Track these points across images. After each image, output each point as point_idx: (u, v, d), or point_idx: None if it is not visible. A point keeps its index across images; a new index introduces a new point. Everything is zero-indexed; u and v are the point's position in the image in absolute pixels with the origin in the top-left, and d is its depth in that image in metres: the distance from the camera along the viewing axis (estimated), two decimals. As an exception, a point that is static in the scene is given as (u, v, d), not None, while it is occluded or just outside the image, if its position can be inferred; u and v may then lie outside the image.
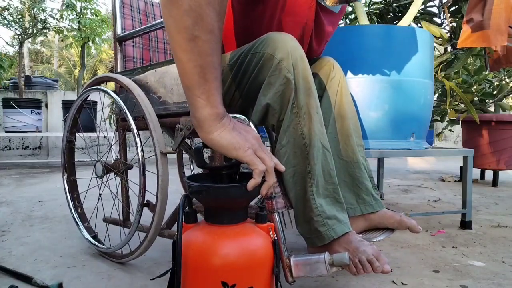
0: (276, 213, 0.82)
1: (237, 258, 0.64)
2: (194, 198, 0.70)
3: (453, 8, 2.35)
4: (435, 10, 2.53)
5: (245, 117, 0.88)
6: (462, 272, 1.09)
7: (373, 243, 0.88)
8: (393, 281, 1.01)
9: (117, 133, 1.23)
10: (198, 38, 0.60)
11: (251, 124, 0.85)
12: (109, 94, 1.14)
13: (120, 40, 1.27)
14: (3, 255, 1.19)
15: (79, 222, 1.27)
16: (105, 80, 1.21)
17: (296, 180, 0.88)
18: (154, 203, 0.98)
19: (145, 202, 1.02)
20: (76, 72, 12.95)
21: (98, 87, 1.19)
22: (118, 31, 1.27)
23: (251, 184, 0.65)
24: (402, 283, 1.00)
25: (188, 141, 1.44)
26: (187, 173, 1.65)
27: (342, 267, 0.77)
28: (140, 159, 0.98)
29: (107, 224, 1.25)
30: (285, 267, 0.79)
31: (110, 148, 1.27)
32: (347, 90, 1.09)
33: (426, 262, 1.17)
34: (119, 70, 1.27)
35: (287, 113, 0.86)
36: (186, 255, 0.65)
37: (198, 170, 1.50)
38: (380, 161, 2.18)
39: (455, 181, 3.00)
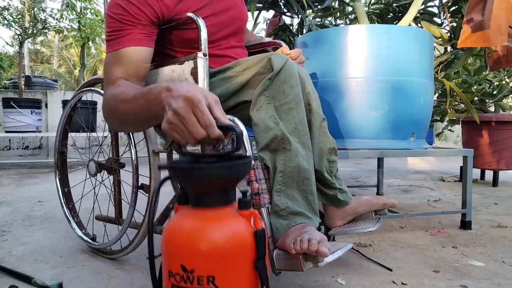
0: (264, 208, 0.86)
1: (198, 242, 0.59)
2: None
3: (453, 8, 2.35)
4: (435, 10, 2.53)
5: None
6: (462, 272, 1.09)
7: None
8: (393, 281, 1.01)
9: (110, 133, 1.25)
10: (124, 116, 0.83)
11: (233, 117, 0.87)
12: (101, 95, 1.15)
13: None
14: (3, 255, 1.19)
15: (78, 230, 1.28)
16: (97, 82, 1.23)
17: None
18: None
19: (139, 185, 1.05)
20: (76, 72, 12.95)
21: (91, 88, 1.21)
22: None
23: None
24: (402, 283, 1.00)
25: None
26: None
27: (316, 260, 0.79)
28: (132, 145, 1.03)
29: (105, 224, 1.26)
30: (267, 259, 0.81)
31: (100, 147, 1.27)
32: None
33: (426, 262, 1.17)
34: None
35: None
36: (164, 236, 0.64)
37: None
38: (380, 161, 2.18)
39: (455, 181, 3.00)
